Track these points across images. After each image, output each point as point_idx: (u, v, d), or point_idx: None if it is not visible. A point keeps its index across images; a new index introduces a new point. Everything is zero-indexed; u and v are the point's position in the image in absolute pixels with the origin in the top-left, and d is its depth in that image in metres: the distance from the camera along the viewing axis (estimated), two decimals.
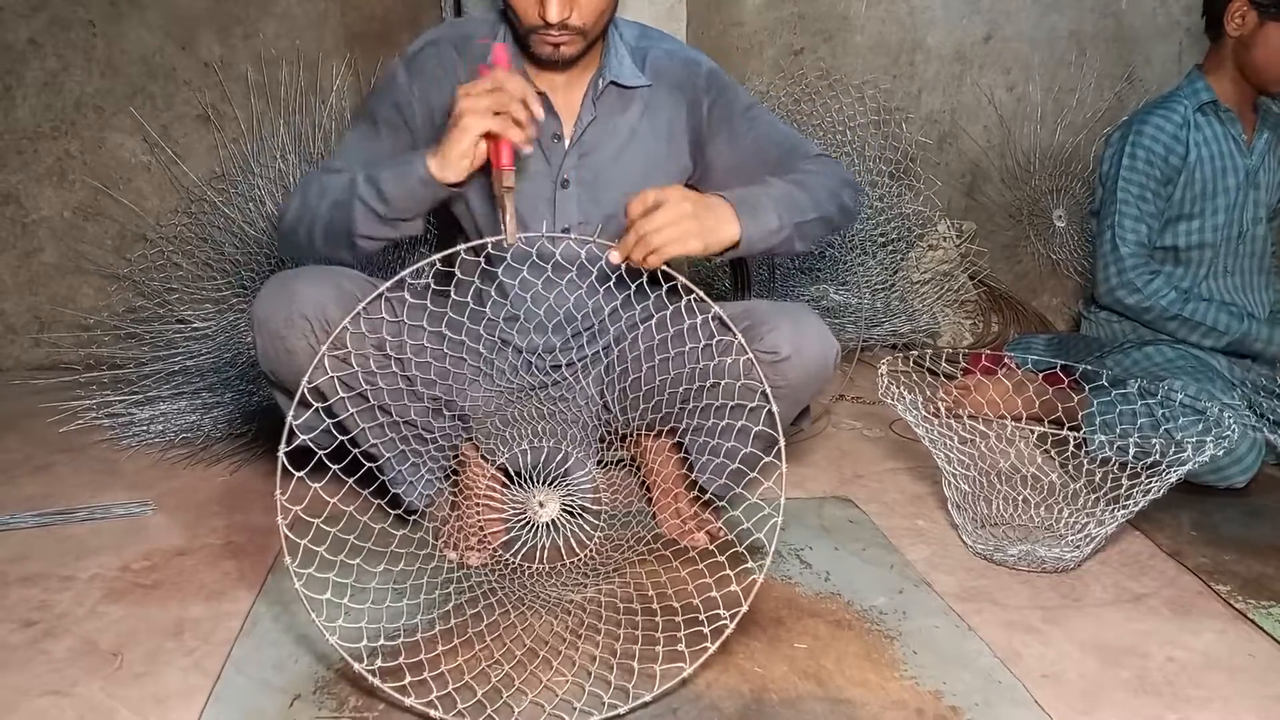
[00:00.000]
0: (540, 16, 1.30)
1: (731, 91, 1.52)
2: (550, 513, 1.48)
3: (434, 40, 1.46)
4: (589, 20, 1.32)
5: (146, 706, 1.17)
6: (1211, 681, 1.27)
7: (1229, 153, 2.07)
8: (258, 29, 2.42)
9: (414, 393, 1.38)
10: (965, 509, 1.61)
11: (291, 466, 1.13)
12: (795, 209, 1.37)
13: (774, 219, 1.34)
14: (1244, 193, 2.08)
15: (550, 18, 1.29)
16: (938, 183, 2.75)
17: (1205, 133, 2.07)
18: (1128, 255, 2.04)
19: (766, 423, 1.29)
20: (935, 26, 2.77)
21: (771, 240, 1.35)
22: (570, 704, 1.16)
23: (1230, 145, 2.07)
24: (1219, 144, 2.07)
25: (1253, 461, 1.76)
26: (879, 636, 1.34)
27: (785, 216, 1.35)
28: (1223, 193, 2.07)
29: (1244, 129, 2.08)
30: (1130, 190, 2.06)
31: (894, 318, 2.62)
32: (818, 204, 1.41)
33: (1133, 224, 2.05)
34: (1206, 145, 2.07)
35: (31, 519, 1.65)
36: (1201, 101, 2.06)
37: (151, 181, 2.46)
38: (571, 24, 1.31)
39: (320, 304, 1.28)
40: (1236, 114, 2.07)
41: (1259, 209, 2.11)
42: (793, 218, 1.36)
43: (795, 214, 1.37)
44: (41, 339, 2.50)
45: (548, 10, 1.28)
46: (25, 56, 2.34)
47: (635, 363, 1.46)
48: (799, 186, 1.40)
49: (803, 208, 1.38)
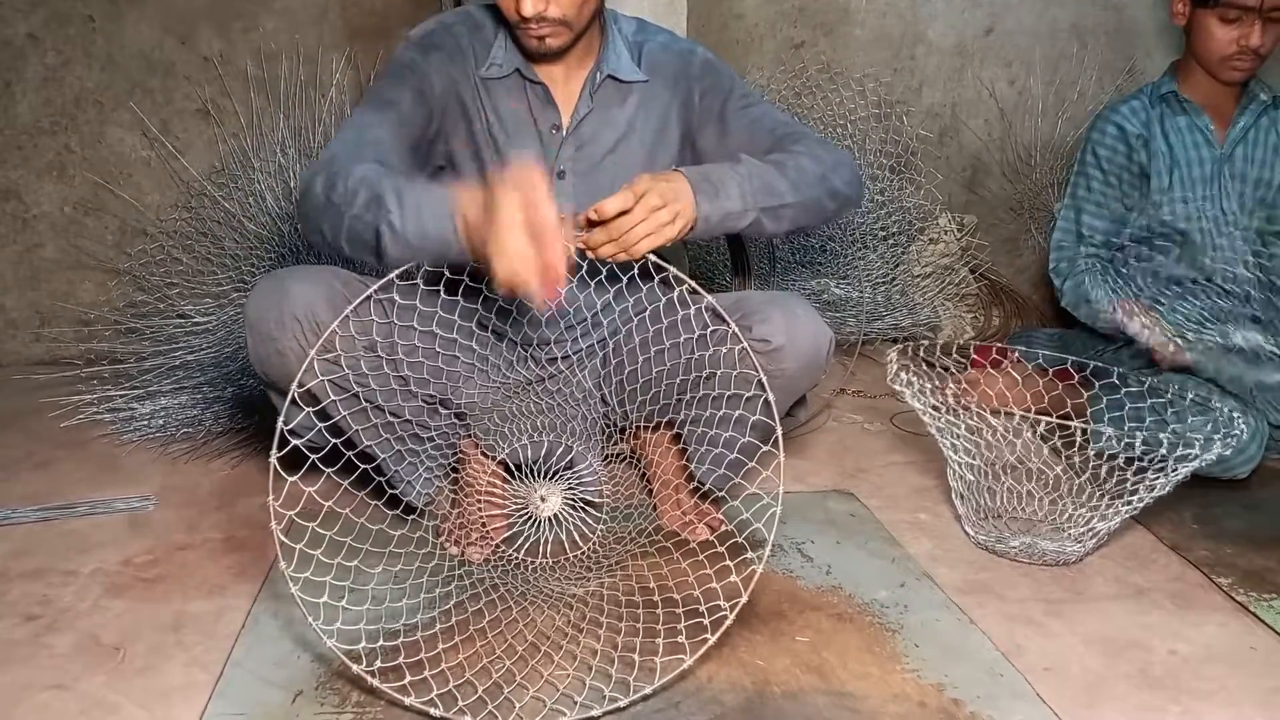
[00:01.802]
0: (516, 11, 1.31)
1: (725, 80, 1.51)
2: (553, 507, 1.48)
3: (445, 24, 1.47)
4: (568, 11, 1.33)
5: (149, 701, 1.17)
6: (1213, 674, 1.27)
7: (1195, 143, 2.08)
8: (257, 24, 2.41)
9: (409, 391, 1.37)
10: (969, 499, 1.61)
11: (289, 466, 1.12)
12: (766, 192, 1.34)
13: (736, 201, 1.31)
14: (1215, 184, 2.08)
15: (525, 12, 1.30)
16: (939, 176, 2.74)
17: (1170, 124, 2.08)
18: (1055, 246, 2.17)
19: (763, 412, 1.29)
20: (936, 20, 2.76)
21: (732, 223, 1.33)
22: (571, 698, 1.16)
23: (1197, 136, 2.08)
24: (1181, 135, 2.08)
25: (1255, 451, 1.76)
26: (881, 630, 1.34)
27: (751, 199, 1.33)
28: (1187, 183, 2.07)
29: (1215, 120, 2.08)
30: (1079, 186, 2.15)
31: (895, 311, 2.62)
32: (797, 188, 1.37)
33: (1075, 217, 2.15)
34: (1169, 138, 2.08)
35: (33, 514, 1.65)
36: (1161, 93, 2.09)
37: (151, 176, 2.46)
38: (551, 16, 1.31)
39: (310, 304, 1.27)
40: (1204, 105, 2.07)
41: (1243, 200, 2.08)
42: (761, 201, 1.33)
43: (765, 197, 1.34)
44: (42, 334, 2.50)
45: (522, 5, 1.29)
46: (25, 52, 2.34)
47: (630, 355, 1.46)
48: (777, 169, 1.37)
49: (777, 191, 1.35)
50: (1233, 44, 1.95)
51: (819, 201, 1.41)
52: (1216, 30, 1.96)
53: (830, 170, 1.42)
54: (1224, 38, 1.95)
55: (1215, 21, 1.95)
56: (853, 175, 1.46)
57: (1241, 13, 1.92)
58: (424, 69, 1.42)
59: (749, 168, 1.35)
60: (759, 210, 1.34)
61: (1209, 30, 1.97)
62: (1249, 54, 1.95)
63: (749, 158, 1.38)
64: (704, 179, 1.30)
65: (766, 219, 1.35)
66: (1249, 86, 2.07)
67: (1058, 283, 2.16)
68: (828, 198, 1.42)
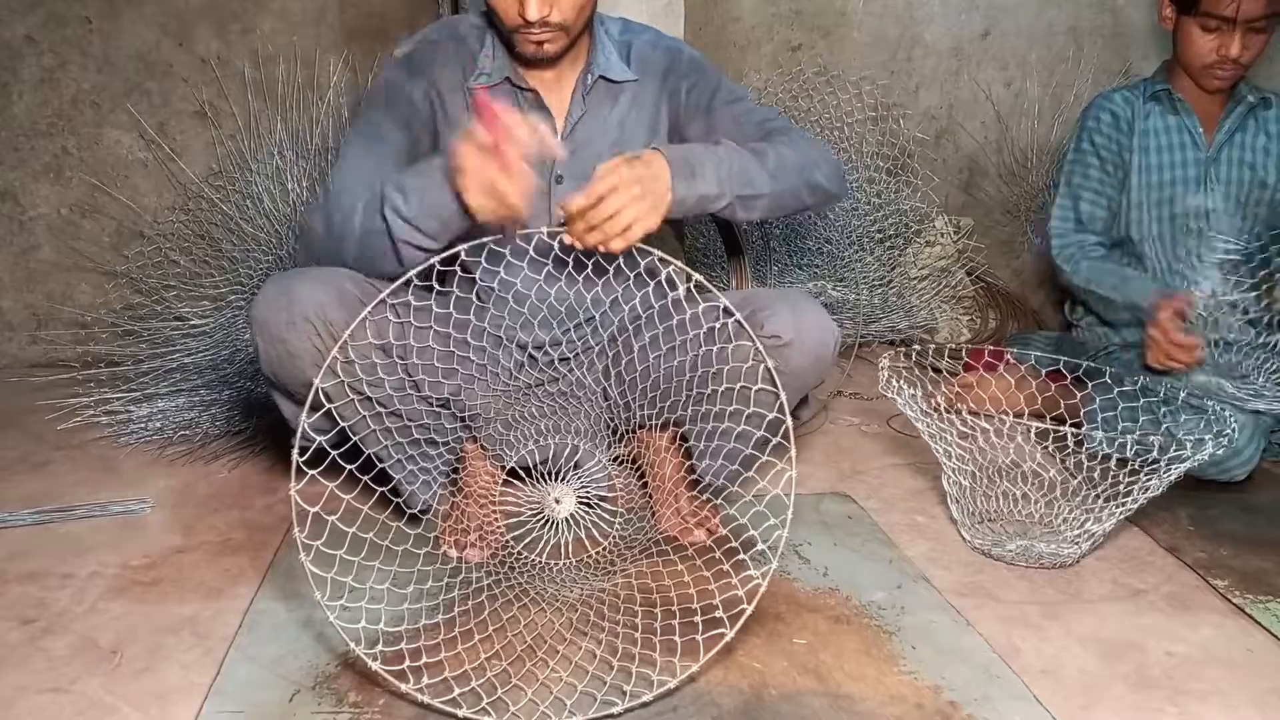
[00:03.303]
0: (520, 15, 1.31)
1: (711, 77, 1.53)
2: (567, 508, 1.47)
3: (427, 41, 1.47)
4: (569, 16, 1.33)
5: (147, 703, 1.17)
6: (1210, 676, 1.27)
7: (1180, 144, 2.07)
8: (255, 25, 2.41)
9: (417, 393, 1.37)
10: (964, 504, 1.62)
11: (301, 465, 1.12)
12: (743, 179, 1.36)
13: (713, 185, 1.33)
14: (1200, 186, 2.07)
15: (530, 16, 1.30)
16: (935, 179, 2.75)
17: (1155, 122, 2.08)
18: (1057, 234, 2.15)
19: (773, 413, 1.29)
20: (933, 22, 2.76)
21: (707, 205, 1.34)
22: (564, 702, 1.16)
23: (1184, 136, 2.08)
24: (1169, 135, 2.08)
25: (1252, 454, 1.77)
26: (878, 632, 1.34)
27: (728, 185, 1.34)
28: (1170, 185, 2.07)
29: (1204, 122, 2.08)
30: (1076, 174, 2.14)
31: (891, 314, 2.62)
32: (775, 177, 1.39)
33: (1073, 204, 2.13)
34: (1156, 135, 2.08)
35: (30, 516, 1.65)
36: (1154, 89, 2.08)
37: (148, 178, 2.46)
38: (552, 21, 1.32)
39: (321, 305, 1.27)
40: (1194, 107, 2.07)
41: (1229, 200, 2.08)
42: (737, 188, 1.35)
43: (741, 185, 1.36)
44: (39, 336, 2.49)
45: (527, 9, 1.30)
46: (22, 53, 2.34)
47: (638, 353, 1.46)
48: (756, 157, 1.38)
49: (753, 180, 1.37)
50: (1213, 52, 1.95)
51: (796, 192, 1.42)
52: (1198, 38, 1.96)
53: (811, 163, 1.44)
54: (1205, 46, 1.96)
55: (1197, 29, 1.95)
56: (834, 171, 1.48)
57: (1221, 22, 1.92)
58: (407, 90, 1.44)
59: (727, 151, 1.37)
60: (734, 196, 1.36)
61: (1191, 37, 1.97)
62: (1229, 63, 1.95)
63: (729, 142, 1.39)
64: (682, 161, 1.32)
65: (740, 205, 1.38)
66: (1236, 88, 2.06)
67: (1068, 268, 2.11)
68: (806, 190, 1.44)
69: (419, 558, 1.41)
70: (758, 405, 1.34)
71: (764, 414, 1.32)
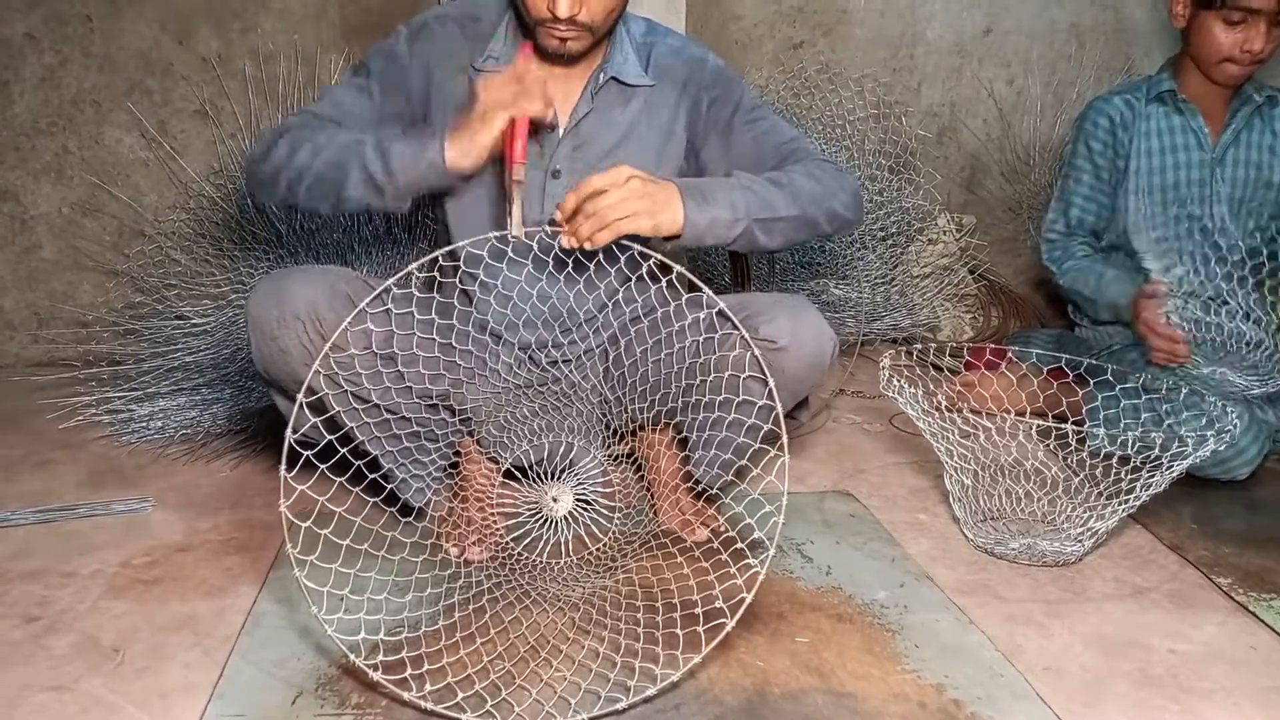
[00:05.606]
0: (549, 10, 1.30)
1: (734, 91, 1.49)
2: (565, 506, 1.47)
3: (440, 16, 1.47)
4: (598, 18, 1.32)
5: (149, 702, 1.17)
6: (1213, 674, 1.27)
7: (1185, 145, 2.06)
8: (255, 23, 2.41)
9: (410, 391, 1.37)
10: (966, 502, 1.61)
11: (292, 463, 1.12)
12: (761, 205, 1.33)
13: (727, 211, 1.30)
14: (1205, 187, 2.06)
15: (560, 13, 1.29)
16: (937, 176, 2.74)
17: (1158, 124, 2.07)
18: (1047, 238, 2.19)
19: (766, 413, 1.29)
20: (935, 20, 2.76)
21: (723, 232, 1.31)
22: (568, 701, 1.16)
23: (1189, 138, 2.06)
24: (1172, 136, 2.07)
25: (1255, 454, 1.77)
26: (880, 630, 1.34)
27: (743, 210, 1.31)
28: (1173, 186, 2.06)
29: (1209, 123, 2.06)
30: (1070, 179, 2.15)
31: (894, 312, 2.62)
32: (794, 203, 1.36)
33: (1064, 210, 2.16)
34: (1158, 136, 2.07)
35: (32, 515, 1.65)
36: (1159, 90, 2.07)
37: (149, 177, 2.45)
38: (580, 20, 1.31)
39: (312, 304, 1.27)
40: (1199, 107, 2.05)
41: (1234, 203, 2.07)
42: (754, 213, 1.32)
43: (759, 210, 1.33)
44: (40, 335, 2.49)
45: (558, 6, 1.28)
46: (23, 51, 2.33)
47: (636, 356, 1.46)
48: (774, 184, 1.36)
49: (772, 205, 1.34)
50: (1235, 47, 1.93)
51: (814, 220, 1.40)
52: (1219, 32, 1.93)
53: (829, 191, 1.41)
54: (1226, 40, 1.93)
55: (1219, 23, 1.93)
56: (853, 200, 1.45)
57: (1247, 14, 1.90)
58: (405, 60, 1.44)
59: (742, 179, 1.35)
60: (751, 220, 1.32)
61: (1211, 32, 1.94)
62: (1248, 57, 1.94)
63: (742, 172, 1.37)
64: (694, 188, 1.30)
65: (759, 230, 1.34)
66: (1242, 87, 2.05)
67: (1055, 269, 2.17)
68: (824, 218, 1.41)
69: (417, 562, 1.41)
70: (748, 395, 1.33)
71: (754, 401, 1.31)
